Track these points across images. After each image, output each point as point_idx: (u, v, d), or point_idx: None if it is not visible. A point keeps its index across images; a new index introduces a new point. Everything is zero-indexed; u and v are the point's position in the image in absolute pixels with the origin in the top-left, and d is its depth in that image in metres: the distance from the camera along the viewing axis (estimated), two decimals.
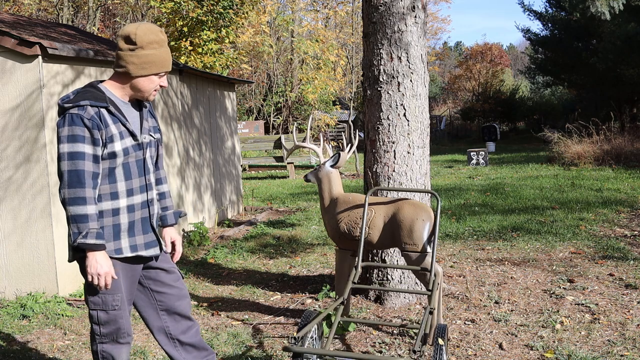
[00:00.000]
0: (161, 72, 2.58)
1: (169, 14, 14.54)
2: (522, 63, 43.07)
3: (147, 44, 2.50)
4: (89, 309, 2.58)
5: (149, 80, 2.57)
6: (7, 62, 4.93)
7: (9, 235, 5.05)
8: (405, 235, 3.86)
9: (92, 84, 2.55)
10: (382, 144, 4.57)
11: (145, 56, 2.50)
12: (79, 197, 2.36)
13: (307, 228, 7.96)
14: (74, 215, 2.37)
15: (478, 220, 7.75)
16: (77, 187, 2.36)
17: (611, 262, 5.52)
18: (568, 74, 23.36)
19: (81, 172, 2.37)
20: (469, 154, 16.01)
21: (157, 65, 2.55)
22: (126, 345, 2.64)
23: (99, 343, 2.60)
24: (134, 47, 2.49)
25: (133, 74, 2.52)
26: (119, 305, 2.56)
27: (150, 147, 2.67)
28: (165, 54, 2.57)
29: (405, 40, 4.50)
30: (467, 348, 3.76)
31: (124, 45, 2.50)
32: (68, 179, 2.37)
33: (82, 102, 2.41)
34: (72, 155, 2.37)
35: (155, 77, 2.58)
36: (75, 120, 2.38)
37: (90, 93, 2.47)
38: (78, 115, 2.39)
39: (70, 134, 2.37)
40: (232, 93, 9.78)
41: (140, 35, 2.48)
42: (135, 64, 2.50)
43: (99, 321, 2.56)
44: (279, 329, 4.24)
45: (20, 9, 18.49)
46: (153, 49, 2.52)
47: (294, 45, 23.82)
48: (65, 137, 2.38)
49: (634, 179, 11.01)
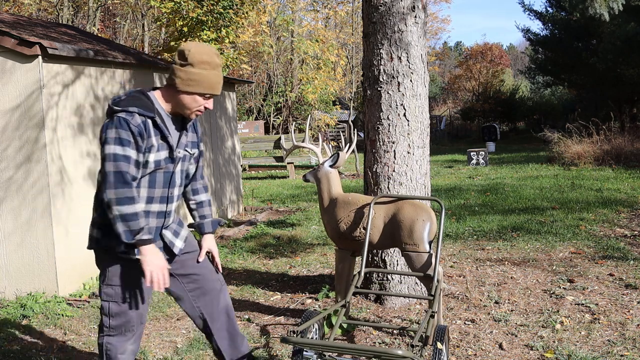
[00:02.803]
0: (207, 94, 2.61)
1: (169, 14, 14.52)
2: (522, 63, 43.06)
3: (197, 63, 2.54)
4: (101, 300, 2.65)
5: (192, 99, 2.60)
6: (7, 62, 4.93)
7: (9, 236, 5.06)
8: (406, 236, 3.86)
9: (143, 91, 2.61)
10: (382, 144, 4.57)
11: (192, 74, 2.55)
12: (126, 197, 2.43)
13: (307, 228, 7.96)
14: (123, 214, 2.43)
15: (478, 220, 7.75)
16: (123, 187, 2.43)
17: (611, 262, 5.52)
18: (568, 74, 23.34)
19: (126, 174, 2.44)
20: (469, 154, 16.01)
21: (203, 86, 2.57)
22: (131, 339, 2.69)
23: (105, 335, 2.67)
24: (185, 63, 2.54)
25: (178, 89, 2.57)
26: (131, 297, 2.63)
27: (184, 162, 2.73)
28: (215, 77, 2.59)
29: (406, 40, 4.50)
30: (467, 348, 3.76)
31: (177, 59, 2.57)
32: (114, 180, 2.43)
33: (131, 108, 2.47)
34: (117, 157, 2.43)
35: (199, 97, 2.61)
36: (122, 124, 2.45)
37: (140, 100, 2.53)
38: (126, 120, 2.46)
39: (117, 137, 2.44)
40: (232, 93, 9.79)
41: (194, 53, 2.53)
42: (182, 79, 2.55)
43: (110, 313, 2.63)
44: (279, 329, 4.24)
45: (20, 9, 18.49)
46: (203, 69, 2.55)
47: (294, 45, 23.82)
48: (112, 139, 2.44)
49: (634, 179, 11.01)
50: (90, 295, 5.13)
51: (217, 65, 2.59)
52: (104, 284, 2.65)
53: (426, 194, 4.69)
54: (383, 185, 4.57)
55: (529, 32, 24.87)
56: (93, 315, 4.72)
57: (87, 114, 5.53)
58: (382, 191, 4.55)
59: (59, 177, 5.12)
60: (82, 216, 5.41)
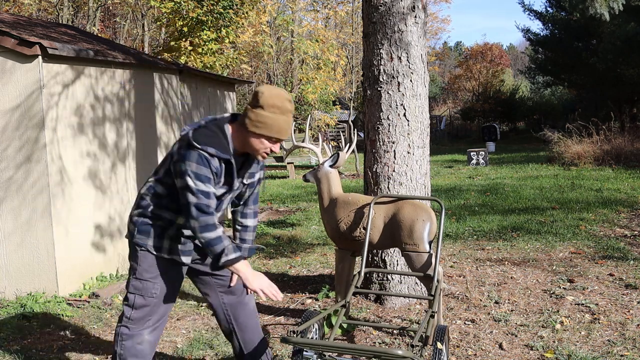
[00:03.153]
0: (273, 137, 2.66)
1: (169, 14, 14.53)
2: (522, 63, 43.04)
3: (268, 106, 2.61)
4: (128, 292, 2.80)
5: (259, 141, 2.66)
6: (7, 62, 4.93)
7: (9, 236, 5.06)
8: (406, 236, 3.86)
9: (221, 126, 2.67)
10: (382, 144, 4.57)
11: (262, 116, 2.61)
12: (209, 225, 2.60)
13: (307, 228, 7.96)
14: (208, 240, 2.61)
15: (478, 220, 7.75)
16: (205, 216, 2.60)
17: (611, 262, 5.52)
18: (568, 74, 23.34)
19: (205, 205, 2.60)
20: (469, 154, 16.01)
21: (271, 129, 2.63)
22: (149, 330, 2.81)
23: (123, 326, 2.80)
24: (257, 105, 2.62)
25: (247, 128, 2.64)
26: (157, 293, 2.78)
27: (237, 190, 2.84)
28: (283, 122, 2.65)
29: (406, 40, 4.50)
30: (467, 348, 3.76)
31: (251, 99, 2.65)
32: (196, 212, 2.59)
33: (210, 149, 2.58)
34: (199, 192, 2.58)
35: (266, 139, 2.66)
36: (204, 162, 2.58)
37: (218, 140, 2.62)
38: (207, 159, 2.58)
39: (199, 172, 2.57)
40: (232, 93, 9.79)
41: (266, 96, 2.60)
42: (251, 120, 2.62)
43: (134, 305, 2.78)
44: (279, 329, 4.24)
45: (20, 9, 18.48)
46: (272, 112, 2.61)
47: (294, 45, 23.80)
48: (193, 174, 2.56)
49: (634, 179, 11.01)
50: (90, 295, 5.13)
51: (287, 111, 2.66)
52: (134, 277, 2.79)
53: (426, 194, 4.69)
54: (383, 185, 4.57)
55: (529, 32, 24.87)
56: (93, 315, 4.72)
57: (87, 114, 5.53)
58: (382, 191, 4.55)
59: (59, 177, 5.12)
60: (82, 216, 5.41)
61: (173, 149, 2.68)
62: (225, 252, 2.63)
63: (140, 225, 2.77)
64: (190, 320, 4.54)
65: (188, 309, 4.82)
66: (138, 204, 2.80)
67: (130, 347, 2.79)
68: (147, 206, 2.76)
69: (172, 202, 2.72)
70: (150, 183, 2.79)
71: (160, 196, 2.75)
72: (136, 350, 2.80)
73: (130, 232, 2.81)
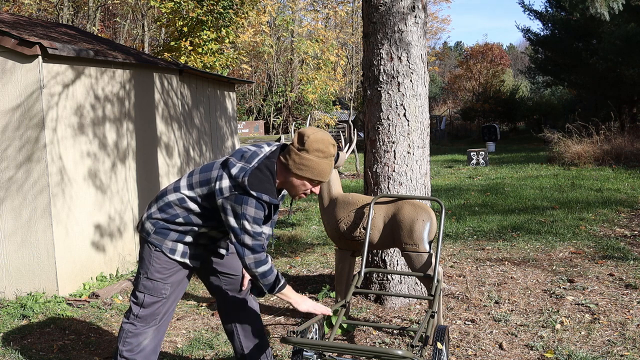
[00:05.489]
0: (315, 181, 2.74)
1: (169, 14, 14.54)
2: (522, 63, 43.03)
3: (312, 150, 2.68)
4: (137, 291, 2.87)
5: (301, 182, 2.76)
6: (7, 62, 4.93)
7: (9, 235, 5.06)
8: (406, 236, 3.86)
9: (271, 169, 2.73)
10: (382, 144, 4.57)
11: (306, 159, 2.69)
12: (262, 260, 2.72)
13: (307, 228, 7.96)
14: (261, 272, 2.73)
15: (478, 220, 7.75)
16: (259, 253, 2.72)
17: (611, 262, 5.52)
18: (568, 74, 23.32)
19: (260, 245, 2.72)
20: (469, 154, 16.01)
21: (313, 172, 2.71)
22: (155, 327, 2.88)
23: (129, 323, 2.87)
24: (301, 147, 2.70)
25: (290, 170, 2.72)
26: (167, 294, 2.86)
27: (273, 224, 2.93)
28: (326, 166, 2.73)
29: (406, 40, 4.50)
30: (467, 348, 3.76)
31: (295, 142, 2.73)
32: (253, 250, 2.70)
33: (265, 197, 2.67)
34: (256, 234, 2.69)
35: (308, 182, 2.75)
36: (261, 208, 2.69)
37: (271, 187, 2.71)
38: (263, 205, 2.69)
39: (256, 217, 2.67)
40: (232, 93, 9.79)
41: (311, 140, 2.68)
42: (295, 162, 2.70)
43: (143, 303, 2.85)
44: (279, 329, 4.24)
45: (20, 9, 18.49)
46: (316, 156, 2.69)
47: (294, 45, 23.82)
48: (251, 218, 2.66)
49: (634, 179, 11.01)
50: (90, 295, 5.13)
51: (330, 155, 2.73)
52: (145, 276, 2.85)
53: (426, 194, 4.69)
54: (383, 185, 4.57)
55: (529, 32, 24.85)
56: (93, 315, 4.72)
57: (87, 114, 5.53)
58: (382, 191, 4.55)
59: (59, 177, 5.12)
60: (82, 216, 5.41)
61: (221, 183, 2.70)
62: (277, 281, 2.78)
63: (159, 228, 2.83)
64: (190, 320, 4.54)
65: (188, 309, 4.82)
66: (163, 209, 2.83)
67: (135, 345, 2.84)
68: (175, 215, 2.81)
69: (200, 218, 2.81)
70: (183, 196, 2.81)
71: (191, 211, 2.81)
72: (140, 347, 2.85)
73: (147, 231, 2.85)
